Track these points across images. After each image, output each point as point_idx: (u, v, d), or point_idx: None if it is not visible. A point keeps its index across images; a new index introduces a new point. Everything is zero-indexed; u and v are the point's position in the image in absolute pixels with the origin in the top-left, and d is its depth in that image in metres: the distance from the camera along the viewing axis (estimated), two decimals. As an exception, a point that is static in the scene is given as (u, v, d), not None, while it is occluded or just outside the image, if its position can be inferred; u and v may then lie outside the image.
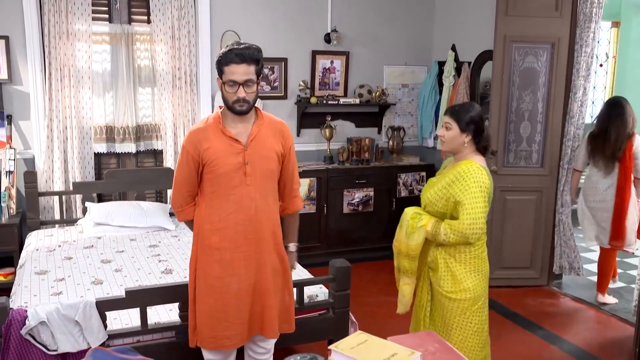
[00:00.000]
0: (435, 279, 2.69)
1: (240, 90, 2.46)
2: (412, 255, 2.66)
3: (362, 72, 5.74)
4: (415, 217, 2.64)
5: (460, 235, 2.53)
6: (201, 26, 5.15)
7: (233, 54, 2.42)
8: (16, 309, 2.64)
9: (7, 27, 4.64)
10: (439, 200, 2.62)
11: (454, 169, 2.63)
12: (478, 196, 2.52)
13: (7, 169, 4.61)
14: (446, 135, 2.66)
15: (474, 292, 2.65)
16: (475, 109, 2.66)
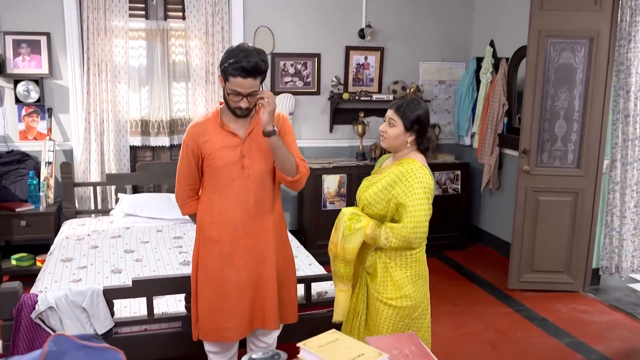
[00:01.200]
0: (373, 284, 2.48)
1: (244, 101, 2.47)
2: (348, 259, 2.45)
3: (397, 68, 5.66)
4: (353, 218, 2.44)
5: (403, 240, 2.34)
6: (234, 22, 5.20)
7: (240, 68, 2.39)
8: (27, 294, 2.75)
9: (48, 24, 4.83)
10: (378, 202, 2.42)
11: (395, 168, 2.44)
12: (422, 198, 2.35)
13: (46, 160, 4.81)
14: (389, 131, 2.46)
15: (415, 299, 2.45)
16: (422, 108, 2.48)
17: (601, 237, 4.68)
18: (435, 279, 4.82)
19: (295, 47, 5.39)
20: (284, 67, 5.40)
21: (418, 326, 2.52)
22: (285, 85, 5.43)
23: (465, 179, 5.58)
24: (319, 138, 5.57)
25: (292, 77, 5.44)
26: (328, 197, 5.23)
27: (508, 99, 5.19)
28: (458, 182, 5.55)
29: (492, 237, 5.64)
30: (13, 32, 4.76)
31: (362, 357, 1.69)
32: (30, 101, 4.81)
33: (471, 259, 5.44)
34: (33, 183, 4.70)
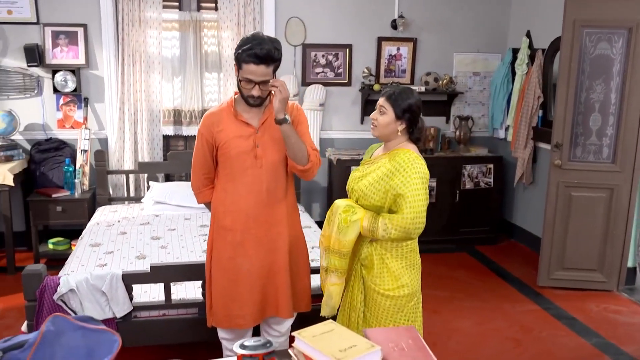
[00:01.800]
0: (370, 276, 2.46)
1: (256, 89, 2.48)
2: (344, 252, 2.42)
3: (430, 59, 5.58)
4: (349, 211, 2.40)
5: (402, 231, 2.32)
6: (266, 13, 5.22)
7: (253, 54, 2.41)
8: (50, 276, 2.85)
9: (85, 16, 4.96)
10: (375, 193, 2.39)
11: (391, 159, 2.41)
12: (420, 189, 2.33)
13: (82, 148, 4.95)
14: (379, 119, 2.43)
15: (411, 288, 2.45)
16: (414, 97, 2.44)
17: (637, 235, 4.52)
18: (463, 274, 4.81)
19: (326, 38, 5.38)
20: (315, 58, 5.39)
21: (415, 316, 2.52)
22: (316, 76, 5.43)
23: (498, 172, 5.47)
24: (350, 129, 5.55)
25: (323, 68, 5.43)
26: (357, 188, 5.21)
27: (543, 91, 5.05)
28: (491, 176, 5.44)
29: (525, 232, 5.52)
30: (52, 24, 4.91)
31: (354, 348, 1.69)
32: (67, 91, 4.95)
33: (502, 254, 5.34)
34: (69, 170, 4.85)
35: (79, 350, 1.58)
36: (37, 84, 4.97)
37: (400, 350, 1.79)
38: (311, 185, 5.50)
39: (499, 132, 5.65)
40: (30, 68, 4.91)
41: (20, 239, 5.00)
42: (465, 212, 5.44)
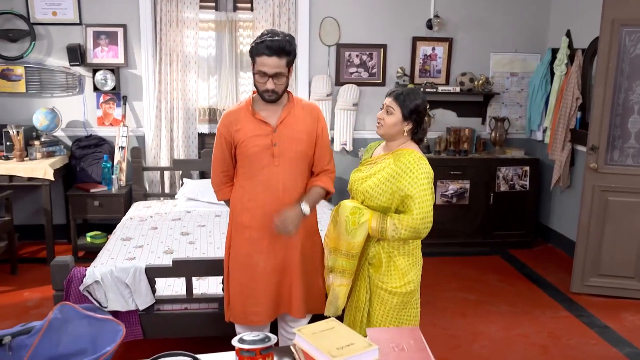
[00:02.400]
0: (377, 275, 2.47)
1: (270, 82, 2.50)
2: (353, 253, 2.44)
3: (466, 59, 5.50)
4: (356, 212, 2.42)
5: (412, 231, 2.34)
6: (300, 13, 5.26)
7: (264, 46, 2.45)
8: (77, 268, 2.95)
9: (125, 16, 5.11)
10: (381, 194, 2.40)
11: (396, 160, 2.39)
12: (427, 188, 2.35)
13: (119, 145, 5.10)
14: (386, 119, 2.43)
15: (415, 284, 2.49)
16: (421, 98, 2.43)
17: (678, 242, 4.34)
18: (494, 277, 4.73)
19: (361, 37, 5.37)
20: (349, 57, 5.40)
21: (416, 311, 2.56)
22: (350, 76, 5.43)
23: (535, 175, 5.35)
24: (383, 129, 5.52)
25: (357, 67, 5.43)
26: (388, 189, 5.19)
27: (582, 92, 4.91)
28: (526, 179, 5.33)
29: (562, 237, 5.38)
30: (94, 25, 5.08)
31: (351, 346, 1.69)
32: (106, 89, 5.11)
33: (537, 259, 5.21)
34: (107, 166, 5.01)
35: (84, 337, 1.63)
36: (78, 82, 5.15)
37: (400, 350, 1.79)
38: (341, 184, 5.50)
39: (537, 134, 5.53)
40: (72, 67, 5.09)
41: (61, 232, 5.19)
42: (500, 215, 5.34)
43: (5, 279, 4.50)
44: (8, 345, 1.61)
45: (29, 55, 5.03)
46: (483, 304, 4.25)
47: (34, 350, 1.60)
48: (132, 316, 2.98)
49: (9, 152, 4.75)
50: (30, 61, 5.07)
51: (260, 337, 1.70)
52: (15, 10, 4.96)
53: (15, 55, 5.01)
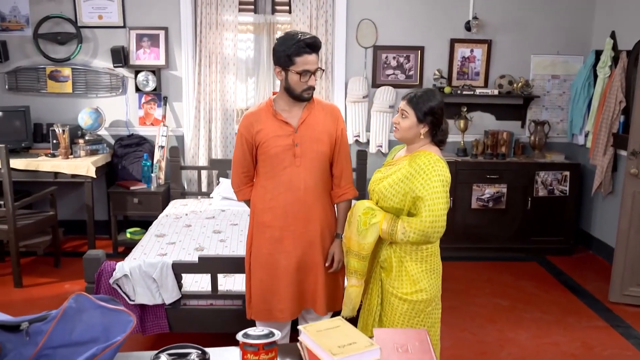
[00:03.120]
0: (388, 279, 2.43)
1: (312, 79, 2.56)
2: (363, 254, 2.41)
3: (505, 61, 5.41)
4: (368, 213, 2.39)
5: (421, 234, 2.27)
6: (338, 15, 5.29)
7: (305, 44, 2.51)
8: (108, 262, 3.06)
9: (166, 19, 5.26)
10: (395, 195, 2.36)
11: (412, 161, 2.35)
12: (440, 191, 2.26)
13: (159, 144, 5.25)
14: (401, 123, 2.40)
15: (430, 293, 2.40)
16: (436, 99, 2.38)
17: None
18: (529, 284, 4.64)
19: (398, 39, 5.36)
20: (385, 59, 5.39)
21: (432, 321, 2.47)
22: (387, 78, 5.43)
23: (575, 180, 5.21)
24: (420, 132, 5.49)
25: (393, 70, 5.42)
26: (423, 192, 5.15)
27: (626, 95, 4.76)
28: (566, 184, 5.19)
29: (603, 244, 5.22)
30: (137, 27, 5.25)
31: (352, 345, 1.70)
32: (148, 90, 5.27)
33: (575, 266, 5.08)
34: (147, 164, 5.16)
35: (96, 327, 1.70)
36: (122, 83, 5.33)
37: (404, 352, 1.79)
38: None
39: (578, 138, 5.38)
40: (116, 69, 5.28)
41: (103, 228, 5.38)
42: (538, 221, 5.23)
43: (49, 271, 4.69)
44: (25, 330, 1.69)
45: (75, 57, 5.24)
46: (515, 310, 4.18)
47: (49, 336, 1.68)
48: (158, 310, 3.07)
49: (55, 149, 4.96)
50: (77, 63, 5.28)
51: (264, 332, 1.73)
52: (64, 15, 5.18)
53: (63, 57, 5.23)
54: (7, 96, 5.29)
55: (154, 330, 3.10)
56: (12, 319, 1.73)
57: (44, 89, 5.29)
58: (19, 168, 4.70)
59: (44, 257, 4.94)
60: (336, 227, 2.80)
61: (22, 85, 5.30)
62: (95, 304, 1.77)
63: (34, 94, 5.31)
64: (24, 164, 4.73)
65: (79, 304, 1.76)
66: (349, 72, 5.39)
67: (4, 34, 5.24)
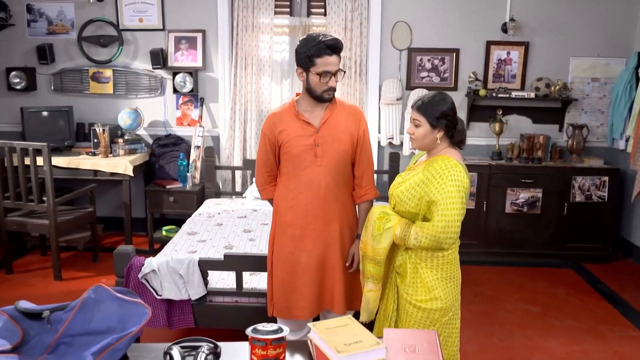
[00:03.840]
0: (403, 285, 2.41)
1: (332, 80, 2.60)
2: (378, 259, 2.40)
3: (543, 64, 5.31)
4: (383, 218, 2.38)
5: (432, 240, 2.25)
6: (372, 17, 5.30)
7: (325, 46, 2.55)
8: (137, 257, 3.16)
9: (204, 22, 5.37)
10: (410, 199, 2.34)
11: (429, 165, 2.33)
12: (455, 196, 2.23)
13: (195, 144, 5.37)
14: (416, 132, 2.37)
15: (445, 302, 2.35)
16: (446, 102, 2.35)
17: None
18: (562, 291, 4.55)
19: (433, 42, 5.33)
20: (420, 62, 5.37)
21: (449, 332, 2.42)
22: (421, 80, 5.40)
23: (615, 186, 5.07)
24: (454, 135, 5.44)
25: (428, 72, 5.39)
26: (456, 195, 5.11)
27: (669, 99, 4.62)
28: (605, 189, 5.06)
29: (644, 253, 5.07)
30: (175, 30, 5.39)
31: (358, 343, 1.72)
32: (185, 91, 5.39)
33: (614, 274, 4.94)
34: (183, 164, 5.28)
35: (113, 317, 1.77)
36: (160, 84, 5.48)
37: (411, 352, 1.79)
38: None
39: (619, 142, 5.24)
40: (155, 70, 5.42)
41: (141, 225, 5.53)
42: (574, 227, 5.11)
43: (88, 266, 4.86)
44: (47, 318, 1.78)
45: (116, 59, 5.42)
46: (546, 317, 4.10)
47: (68, 325, 1.76)
48: (185, 305, 3.15)
49: (95, 148, 5.13)
50: (118, 65, 5.45)
51: (273, 328, 1.77)
52: (106, 18, 5.36)
53: (104, 59, 5.41)
54: (53, 96, 5.51)
55: (180, 325, 3.18)
56: (35, 307, 1.82)
57: (87, 90, 5.49)
58: (61, 166, 4.88)
59: (84, 252, 5.12)
60: (357, 228, 2.81)
61: (67, 86, 5.50)
62: (113, 296, 1.84)
63: (77, 95, 5.51)
64: (65, 162, 4.92)
65: (98, 295, 1.83)
66: (383, 74, 5.40)
67: (50, 37, 5.46)
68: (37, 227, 4.54)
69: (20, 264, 4.86)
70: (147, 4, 5.35)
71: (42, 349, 1.74)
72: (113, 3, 5.36)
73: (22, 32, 5.46)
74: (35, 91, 5.52)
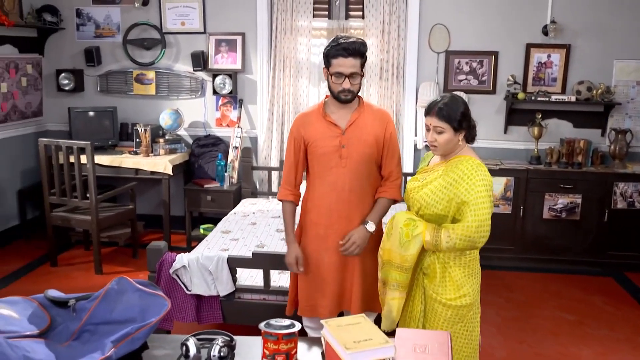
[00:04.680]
0: (432, 285, 2.41)
1: (346, 82, 2.62)
2: (406, 266, 2.39)
3: (585, 67, 5.19)
4: (410, 224, 2.37)
5: (467, 240, 2.26)
6: (410, 20, 5.30)
7: (341, 48, 2.58)
8: (169, 253, 3.26)
9: (244, 25, 5.49)
10: (438, 202, 2.35)
11: (453, 167, 2.34)
12: (484, 196, 2.26)
13: (233, 145, 5.48)
14: (439, 140, 2.35)
15: (472, 297, 2.37)
16: (461, 103, 2.35)
17: None
18: (600, 299, 4.46)
19: (471, 44, 5.29)
20: (458, 65, 5.34)
21: (473, 326, 2.45)
22: (459, 83, 5.37)
23: (659, 193, 4.92)
24: (492, 139, 5.38)
25: (466, 75, 5.35)
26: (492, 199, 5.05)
27: None
28: (648, 196, 4.92)
29: (689, 263, 4.89)
30: (216, 33, 5.52)
31: (368, 341, 1.75)
32: (224, 93, 5.51)
33: (656, 284, 4.80)
34: (221, 164, 5.40)
35: (134, 308, 1.85)
36: (200, 86, 5.62)
37: (421, 352, 1.81)
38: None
39: (664, 148, 5.08)
40: (195, 72, 5.57)
41: (180, 223, 5.68)
42: (615, 234, 4.97)
43: (127, 261, 5.03)
44: (73, 307, 1.88)
45: (159, 62, 5.59)
46: (581, 325, 4.01)
47: (92, 313, 1.86)
48: (213, 301, 3.24)
49: (137, 147, 5.30)
50: (161, 67, 5.62)
51: (286, 323, 1.81)
52: (150, 22, 5.53)
53: (148, 61, 5.59)
54: (98, 97, 5.73)
55: (209, 320, 3.26)
56: (62, 296, 1.92)
57: (131, 91, 5.68)
58: (104, 164, 5.07)
59: (124, 248, 5.30)
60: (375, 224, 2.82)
61: (112, 87, 5.71)
62: (134, 287, 1.92)
63: (122, 96, 5.71)
64: (108, 160, 5.11)
65: (120, 286, 1.92)
66: (421, 77, 5.38)
67: (98, 40, 5.68)
68: (80, 222, 4.72)
69: (64, 257, 5.07)
70: (190, 8, 5.50)
71: (67, 335, 1.83)
72: (157, 7, 5.53)
73: (71, 35, 5.70)
74: (83, 92, 5.75)
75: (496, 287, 4.60)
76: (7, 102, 5.30)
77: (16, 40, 5.38)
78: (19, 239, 5.47)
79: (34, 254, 5.13)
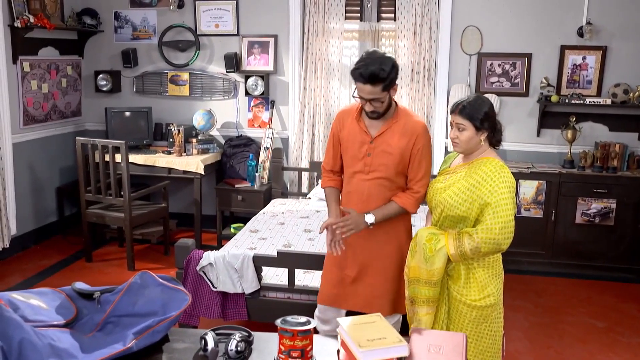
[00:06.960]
0: (456, 287, 2.42)
1: (368, 105, 2.64)
2: (434, 281, 2.40)
3: (622, 69, 5.08)
4: (432, 239, 2.39)
5: (492, 243, 2.27)
6: (442, 22, 5.28)
7: (359, 74, 2.56)
8: (196, 250, 3.33)
9: (276, 27, 5.56)
10: (461, 204, 2.36)
11: (476, 169, 2.35)
12: (507, 197, 2.27)
13: (265, 145, 5.55)
14: (460, 137, 2.38)
15: (496, 297, 2.38)
16: (486, 103, 2.35)
17: None
18: (633, 307, 4.40)
19: (504, 46, 5.24)
20: (490, 67, 5.29)
21: (497, 326, 2.45)
22: (491, 85, 5.32)
23: (697, 199, 4.78)
24: (524, 142, 5.32)
25: (498, 77, 5.30)
26: (523, 203, 4.99)
27: None
28: (686, 203, 4.78)
29: None
30: (249, 35, 5.60)
31: (381, 340, 1.77)
32: (256, 94, 5.59)
33: (693, 292, 4.66)
34: (252, 164, 5.47)
35: (156, 301, 1.91)
36: (233, 87, 5.71)
37: (435, 353, 1.82)
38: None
39: None
40: (228, 74, 5.66)
41: (211, 222, 5.78)
42: (645, 240, 4.86)
43: (159, 258, 5.15)
44: (97, 299, 1.95)
45: (193, 63, 5.70)
46: (611, 333, 3.94)
47: (115, 306, 1.92)
48: (239, 299, 3.29)
49: (170, 147, 5.42)
50: (195, 68, 5.73)
51: (301, 320, 1.85)
52: (185, 24, 5.65)
53: (182, 63, 5.71)
54: (134, 98, 5.88)
55: (234, 317, 3.32)
56: (88, 288, 2.00)
57: (165, 92, 5.81)
58: (138, 163, 5.20)
59: (157, 245, 5.42)
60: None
61: (147, 88, 5.85)
62: (157, 282, 1.99)
63: (157, 96, 5.84)
64: (143, 159, 5.23)
65: (143, 281, 1.99)
66: (452, 79, 5.36)
67: (135, 42, 5.83)
68: (114, 219, 4.86)
69: (99, 253, 5.22)
70: (223, 10, 5.59)
71: (91, 327, 1.91)
72: (192, 10, 5.64)
73: (109, 37, 5.87)
74: (120, 92, 5.91)
75: (525, 292, 4.54)
76: (47, 102, 5.49)
77: (57, 42, 5.56)
78: (56, 235, 5.65)
79: (70, 250, 5.29)
